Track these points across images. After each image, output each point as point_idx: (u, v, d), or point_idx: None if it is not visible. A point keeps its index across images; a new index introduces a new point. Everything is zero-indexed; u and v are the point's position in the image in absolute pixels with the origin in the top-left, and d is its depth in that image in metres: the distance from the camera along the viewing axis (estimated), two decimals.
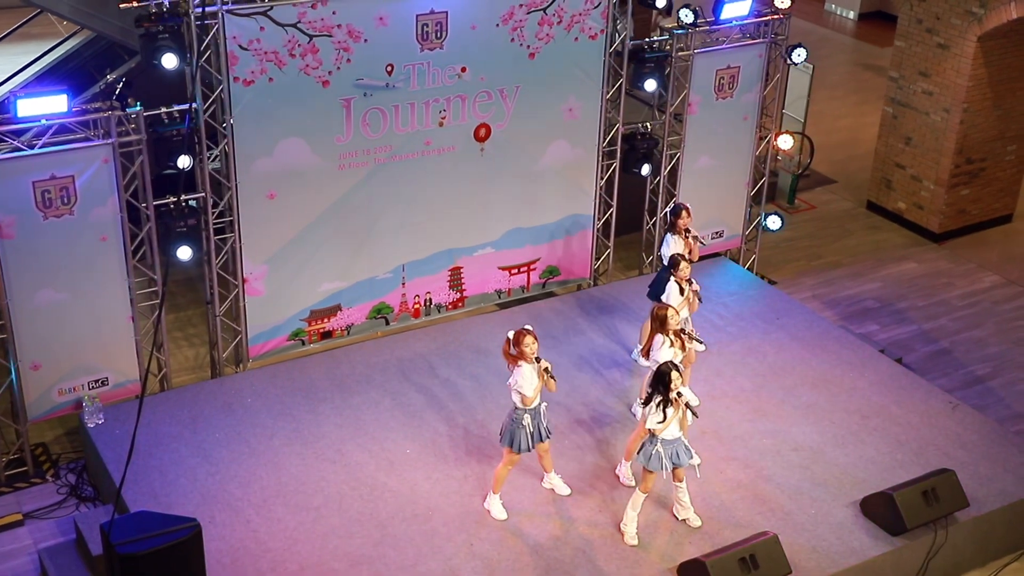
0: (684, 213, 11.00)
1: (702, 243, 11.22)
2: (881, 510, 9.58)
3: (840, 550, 9.36)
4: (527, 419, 9.16)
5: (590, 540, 9.38)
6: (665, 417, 8.87)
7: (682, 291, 10.49)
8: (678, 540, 9.39)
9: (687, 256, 10.69)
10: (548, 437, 9.42)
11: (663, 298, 10.41)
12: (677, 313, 9.73)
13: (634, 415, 10.65)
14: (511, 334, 9.15)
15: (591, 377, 11.32)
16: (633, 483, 9.76)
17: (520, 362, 9.05)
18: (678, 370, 8.95)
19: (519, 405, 9.14)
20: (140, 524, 7.39)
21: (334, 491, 9.81)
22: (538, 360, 9.05)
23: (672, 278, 10.52)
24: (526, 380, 9.04)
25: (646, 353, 9.77)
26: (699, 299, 10.57)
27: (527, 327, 9.15)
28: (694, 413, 9.02)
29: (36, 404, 10.50)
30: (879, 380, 11.48)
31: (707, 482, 10.00)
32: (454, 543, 9.30)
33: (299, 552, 9.17)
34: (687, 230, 11.01)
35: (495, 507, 9.55)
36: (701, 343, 10.09)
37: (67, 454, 10.92)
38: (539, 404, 9.21)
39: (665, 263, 10.82)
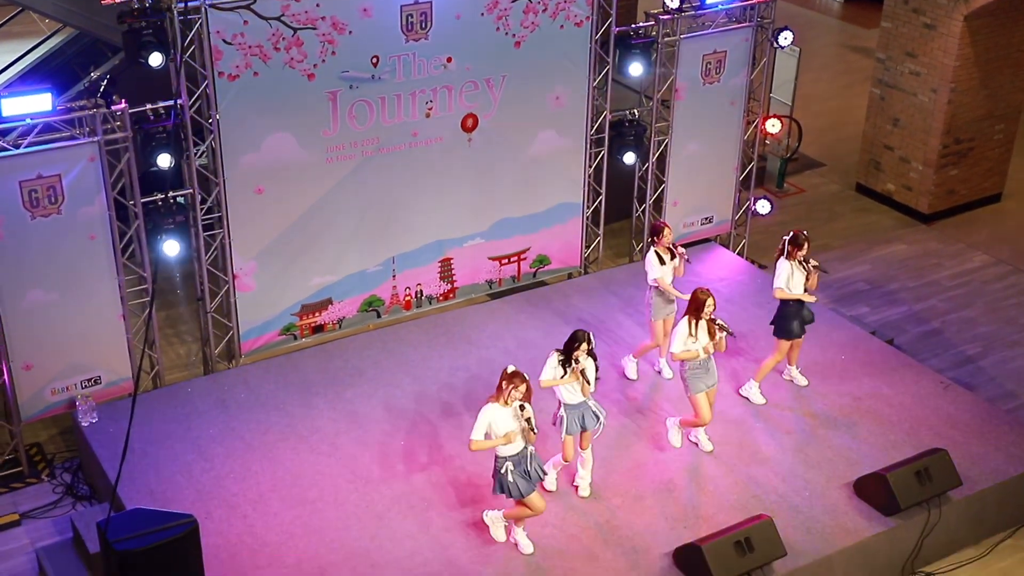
0: (666, 231, 10.78)
1: (687, 260, 10.98)
2: (875, 491, 9.62)
3: (834, 531, 9.40)
4: (508, 467, 8.65)
5: (585, 526, 9.41)
6: (563, 375, 9.12)
7: (662, 260, 10.63)
8: (673, 525, 9.43)
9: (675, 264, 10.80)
10: (542, 479, 8.96)
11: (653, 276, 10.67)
12: (713, 300, 9.70)
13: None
14: (510, 368, 8.66)
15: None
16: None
17: (490, 401, 8.61)
18: (590, 341, 9.14)
19: (498, 453, 8.67)
20: (137, 521, 7.40)
21: (329, 484, 9.83)
22: (522, 407, 8.55)
23: (652, 248, 10.69)
24: (492, 420, 8.56)
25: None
26: (687, 260, 10.93)
27: (519, 372, 8.64)
28: (587, 380, 9.20)
29: (29, 404, 10.48)
30: (870, 362, 11.52)
31: (701, 466, 10.04)
32: (450, 533, 9.32)
33: (296, 546, 9.18)
34: (673, 245, 10.87)
35: (521, 537, 9.16)
36: (731, 332, 9.98)
37: (62, 453, 10.92)
38: (525, 449, 8.70)
39: (650, 282, 10.77)
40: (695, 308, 9.66)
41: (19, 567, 9.64)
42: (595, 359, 9.32)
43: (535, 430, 8.65)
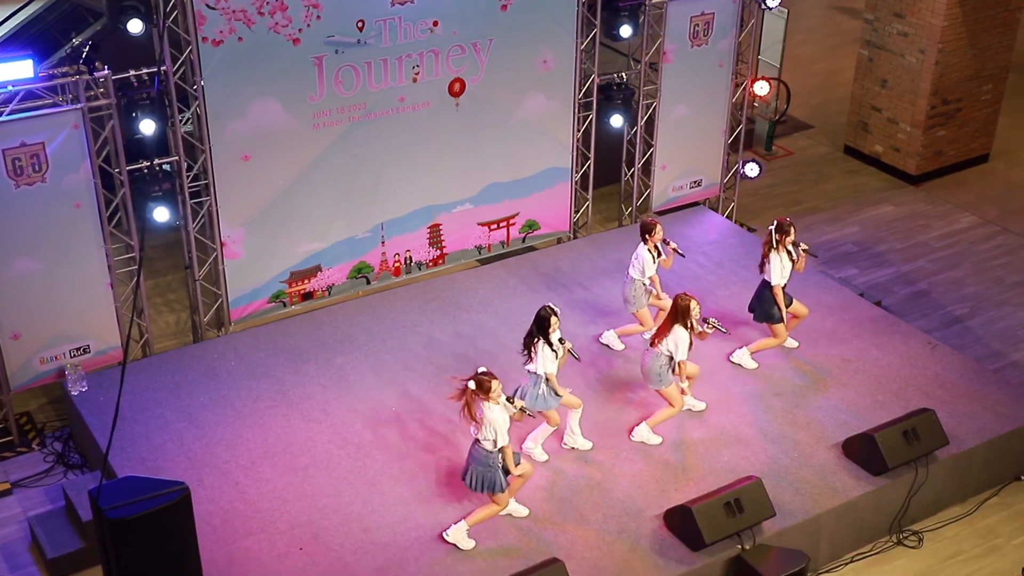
0: (658, 228, 10.68)
1: (680, 254, 10.91)
2: (863, 451, 9.68)
3: (823, 491, 9.47)
4: (499, 459, 8.62)
5: (575, 490, 9.46)
6: (557, 358, 9.25)
7: (655, 257, 10.64)
8: (663, 487, 9.48)
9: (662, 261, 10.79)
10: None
11: (638, 272, 10.61)
12: (699, 304, 9.60)
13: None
14: (472, 384, 8.46)
15: (573, 328, 11.34)
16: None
17: (488, 402, 8.46)
18: (556, 315, 9.19)
19: (491, 449, 8.56)
20: (128, 489, 7.40)
21: (321, 451, 9.85)
22: (510, 400, 8.60)
23: (644, 244, 10.63)
24: (500, 421, 8.47)
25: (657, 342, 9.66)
26: (681, 255, 10.90)
27: (485, 370, 8.57)
28: (576, 357, 9.44)
29: (18, 373, 10.46)
30: (859, 323, 11.56)
31: (690, 428, 10.09)
32: (443, 497, 9.36)
33: (288, 512, 9.21)
34: (665, 241, 10.77)
35: (513, 507, 9.15)
36: (726, 331, 10.06)
37: (52, 422, 10.91)
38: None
39: (634, 275, 10.64)
40: (683, 315, 9.49)
41: (11, 536, 9.66)
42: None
43: (529, 412, 8.84)
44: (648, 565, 8.79)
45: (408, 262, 12.28)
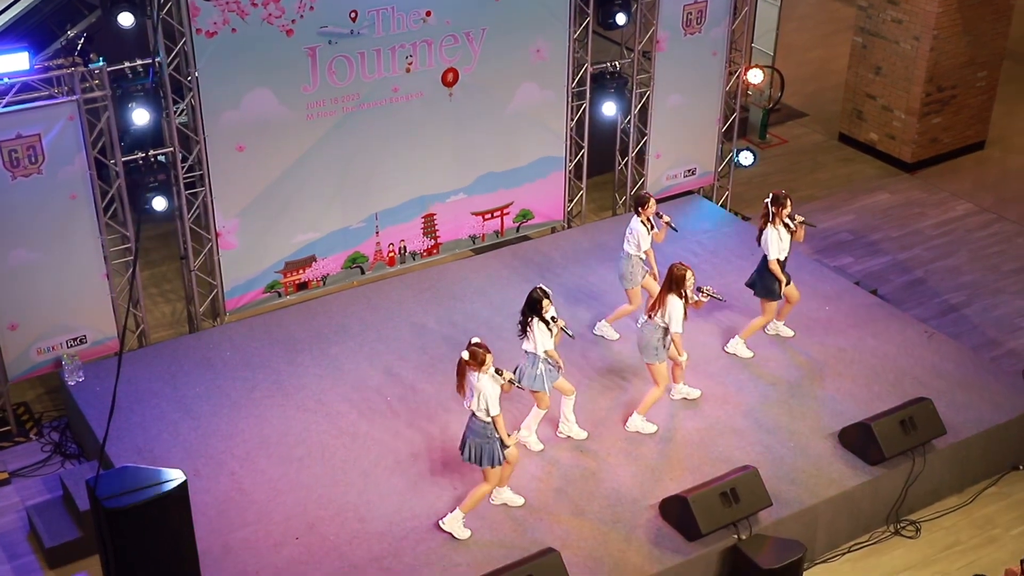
0: (651, 201, 10.71)
1: (672, 228, 10.87)
2: (859, 440, 9.70)
3: (819, 481, 9.49)
4: (494, 431, 8.62)
5: (571, 480, 9.48)
6: (551, 336, 9.25)
7: (649, 230, 10.63)
8: (659, 477, 9.50)
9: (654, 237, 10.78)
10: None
11: (633, 247, 10.62)
12: (693, 275, 9.61)
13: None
14: (465, 354, 8.51)
15: (567, 317, 11.33)
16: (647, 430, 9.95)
17: (478, 372, 8.47)
18: (548, 297, 9.19)
19: (486, 419, 8.56)
20: (125, 479, 7.41)
21: (316, 441, 9.86)
22: (499, 371, 8.55)
23: (637, 217, 10.64)
24: (489, 390, 8.49)
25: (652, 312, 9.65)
26: (673, 228, 10.86)
27: (478, 341, 8.59)
28: (569, 335, 9.44)
29: (15, 364, 10.47)
30: (854, 312, 11.57)
31: (686, 418, 10.11)
32: (438, 486, 9.38)
33: (284, 502, 9.23)
34: (658, 215, 10.80)
35: (508, 496, 9.23)
36: (722, 299, 10.07)
37: (49, 412, 10.92)
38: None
39: (629, 250, 10.65)
40: (677, 284, 9.51)
41: (9, 525, 9.68)
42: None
43: (517, 383, 8.85)
44: (644, 555, 8.82)
45: (402, 252, 12.28)
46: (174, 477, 7.42)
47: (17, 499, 9.92)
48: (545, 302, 9.25)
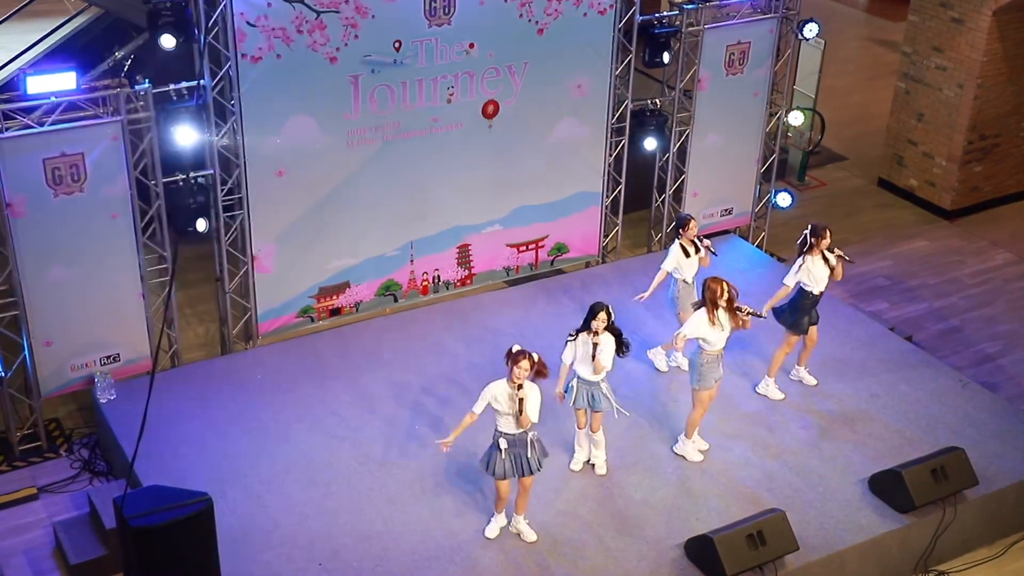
0: (692, 223, 10.74)
1: (713, 252, 10.86)
2: (889, 488, 9.59)
3: (848, 527, 9.38)
4: (503, 444, 8.66)
5: (598, 516, 9.41)
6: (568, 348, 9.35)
7: (687, 253, 10.59)
8: (685, 516, 9.42)
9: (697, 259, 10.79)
10: (533, 472, 8.79)
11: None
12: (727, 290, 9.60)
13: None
14: (515, 347, 8.62)
15: None
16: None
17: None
18: (610, 313, 9.15)
19: (498, 426, 8.65)
20: (153, 498, 7.44)
21: (343, 467, 9.87)
22: (519, 387, 8.43)
23: (677, 240, 10.67)
24: (494, 395, 8.58)
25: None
26: (713, 252, 10.82)
27: (527, 353, 8.55)
28: (597, 355, 9.23)
29: (49, 380, 10.56)
30: (888, 358, 11.46)
31: (715, 458, 10.03)
32: (462, 519, 9.34)
33: (309, 528, 9.23)
34: (699, 238, 10.80)
35: (523, 528, 9.19)
36: (760, 315, 9.97)
37: (80, 429, 11.00)
38: (524, 433, 8.63)
39: (671, 272, 10.74)
40: (710, 298, 9.56)
41: (36, 540, 9.73)
42: (617, 335, 9.28)
43: (526, 415, 8.51)
44: None
45: (436, 281, 12.31)
46: (201, 498, 7.44)
47: (44, 515, 9.98)
48: (601, 315, 9.15)
